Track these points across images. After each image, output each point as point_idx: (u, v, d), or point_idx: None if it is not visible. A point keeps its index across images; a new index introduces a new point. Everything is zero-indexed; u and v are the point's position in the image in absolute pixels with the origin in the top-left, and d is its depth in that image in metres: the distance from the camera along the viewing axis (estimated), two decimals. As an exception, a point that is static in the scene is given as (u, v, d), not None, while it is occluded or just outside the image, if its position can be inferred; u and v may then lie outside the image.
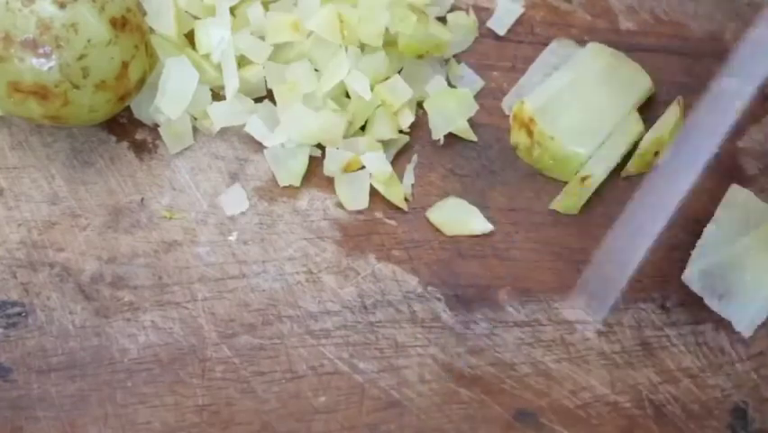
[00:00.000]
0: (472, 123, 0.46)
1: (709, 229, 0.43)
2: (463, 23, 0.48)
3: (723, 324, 0.44)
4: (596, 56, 0.46)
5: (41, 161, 0.44)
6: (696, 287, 0.43)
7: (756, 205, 0.44)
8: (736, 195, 0.44)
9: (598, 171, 0.44)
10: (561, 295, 0.44)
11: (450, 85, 0.47)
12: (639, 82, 0.46)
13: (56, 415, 0.40)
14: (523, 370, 0.42)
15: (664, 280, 0.44)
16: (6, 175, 0.44)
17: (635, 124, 0.45)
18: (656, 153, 0.45)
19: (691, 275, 0.43)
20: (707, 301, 0.42)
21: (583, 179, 0.44)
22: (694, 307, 0.44)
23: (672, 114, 0.45)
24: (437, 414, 0.41)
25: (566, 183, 0.45)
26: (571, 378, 0.42)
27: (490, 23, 0.48)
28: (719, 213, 0.43)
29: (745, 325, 0.42)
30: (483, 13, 0.49)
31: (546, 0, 0.49)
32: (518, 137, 0.45)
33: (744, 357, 0.43)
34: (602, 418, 0.42)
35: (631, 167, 0.45)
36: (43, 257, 0.42)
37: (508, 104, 0.47)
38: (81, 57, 0.39)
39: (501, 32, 0.48)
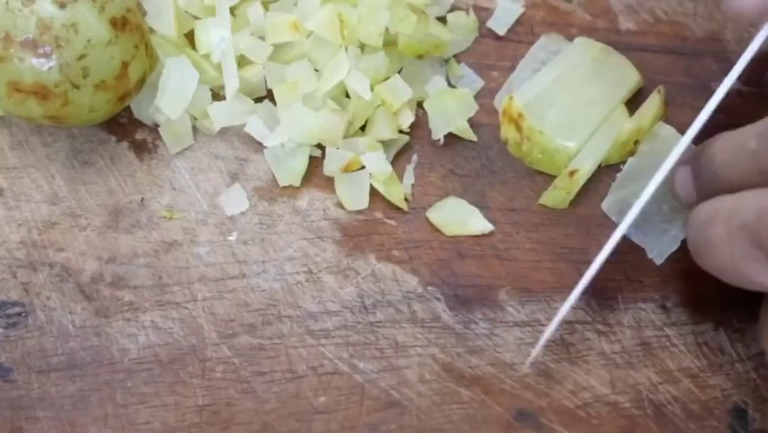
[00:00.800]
0: (472, 123, 0.46)
1: (631, 161, 0.44)
2: (463, 23, 0.48)
3: (723, 323, 0.44)
4: (584, 50, 0.47)
5: (41, 161, 0.44)
6: (614, 215, 0.44)
7: (678, 140, 0.44)
8: (660, 130, 0.45)
9: (587, 166, 0.44)
10: (561, 295, 0.44)
11: (450, 85, 0.47)
12: (627, 76, 0.46)
13: (56, 415, 0.40)
14: (523, 370, 0.42)
15: (664, 281, 0.44)
16: (6, 175, 0.44)
17: (623, 118, 0.45)
18: (636, 142, 0.45)
19: (610, 204, 0.45)
20: (624, 231, 0.43)
21: (571, 173, 0.44)
22: (694, 307, 0.44)
23: (652, 103, 0.46)
24: (437, 414, 0.41)
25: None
26: (571, 378, 0.42)
27: (490, 23, 0.48)
28: (643, 147, 0.45)
29: (656, 253, 0.44)
30: (483, 13, 0.49)
31: (546, 0, 0.49)
32: (508, 132, 0.45)
33: (744, 357, 0.43)
34: (602, 418, 0.42)
35: (612, 156, 0.45)
36: (43, 257, 0.42)
37: (500, 100, 0.47)
38: (81, 57, 0.39)
39: (501, 32, 0.48)
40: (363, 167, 0.44)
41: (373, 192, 0.44)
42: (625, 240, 0.44)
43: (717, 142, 0.40)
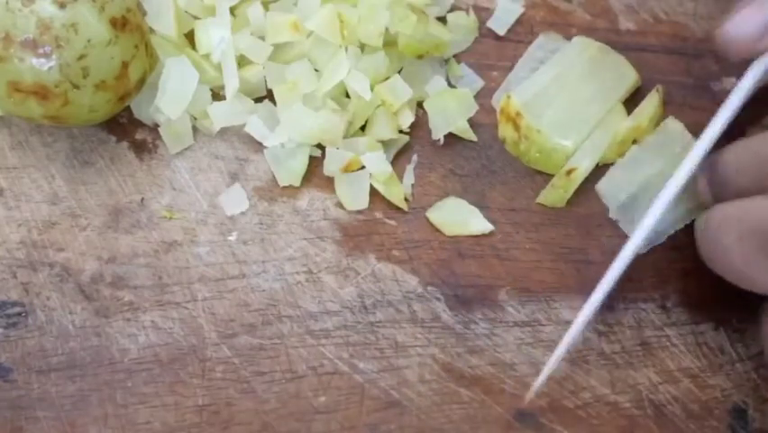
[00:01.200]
0: (472, 123, 0.46)
1: (634, 149, 0.45)
2: (463, 23, 0.48)
3: (723, 323, 0.44)
4: (582, 49, 0.47)
5: (41, 161, 0.44)
6: (604, 197, 0.45)
7: (685, 137, 0.45)
8: (670, 125, 0.45)
9: (584, 164, 0.44)
10: (561, 295, 0.44)
11: (450, 85, 0.47)
12: (625, 75, 0.46)
13: (56, 415, 0.40)
14: (523, 370, 0.42)
15: (664, 281, 0.44)
16: (6, 175, 0.44)
17: (621, 117, 0.45)
18: (634, 141, 0.45)
19: (603, 186, 0.45)
20: (611, 214, 0.44)
21: (569, 172, 0.44)
22: (694, 307, 0.44)
23: (651, 102, 0.46)
24: (437, 414, 0.41)
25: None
26: (571, 378, 0.42)
27: (490, 23, 0.48)
28: (648, 138, 0.45)
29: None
30: (483, 13, 0.49)
31: (546, 0, 0.49)
32: (505, 131, 0.45)
33: (744, 357, 0.43)
34: (602, 418, 0.42)
35: (610, 155, 0.45)
36: (43, 257, 0.42)
37: (498, 99, 0.47)
38: (81, 57, 0.39)
39: (501, 32, 0.48)
40: (363, 167, 0.44)
41: (373, 192, 0.44)
42: (625, 239, 0.44)
43: (730, 149, 0.40)
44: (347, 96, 0.45)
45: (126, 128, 0.45)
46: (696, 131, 0.46)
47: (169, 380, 0.41)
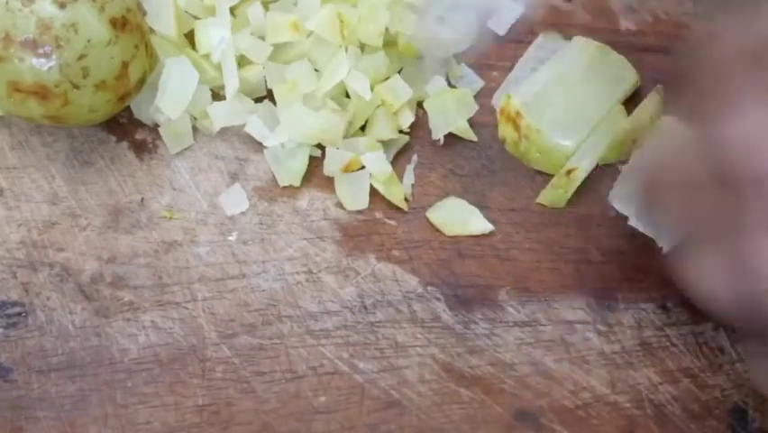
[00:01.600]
0: (472, 123, 0.46)
1: (637, 153, 0.44)
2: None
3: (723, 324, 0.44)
4: (581, 49, 0.47)
5: (41, 161, 0.44)
6: (619, 207, 0.43)
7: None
8: (663, 122, 0.44)
9: (584, 164, 0.44)
10: (561, 295, 0.44)
11: (450, 85, 0.47)
12: (625, 75, 0.47)
13: (56, 415, 0.40)
14: (523, 370, 0.42)
15: (664, 281, 0.44)
16: (6, 175, 0.44)
17: (621, 117, 0.45)
18: (634, 141, 0.45)
19: (616, 196, 0.43)
20: (630, 222, 0.43)
21: (568, 172, 0.44)
22: (694, 307, 0.44)
23: (651, 102, 0.46)
24: (437, 414, 0.41)
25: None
26: (571, 378, 0.42)
27: (490, 23, 0.48)
28: (647, 141, 0.44)
29: (665, 241, 0.43)
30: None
31: (546, 0, 0.49)
32: (505, 131, 0.45)
33: (744, 357, 0.43)
34: (602, 418, 0.42)
35: (609, 155, 0.45)
36: (43, 257, 0.42)
37: (498, 99, 0.47)
38: (81, 57, 0.39)
39: (501, 32, 0.48)
40: (363, 167, 0.44)
41: (373, 192, 0.44)
42: (625, 239, 0.44)
43: None
44: (347, 96, 0.45)
45: (126, 128, 0.45)
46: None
47: (169, 380, 0.41)
